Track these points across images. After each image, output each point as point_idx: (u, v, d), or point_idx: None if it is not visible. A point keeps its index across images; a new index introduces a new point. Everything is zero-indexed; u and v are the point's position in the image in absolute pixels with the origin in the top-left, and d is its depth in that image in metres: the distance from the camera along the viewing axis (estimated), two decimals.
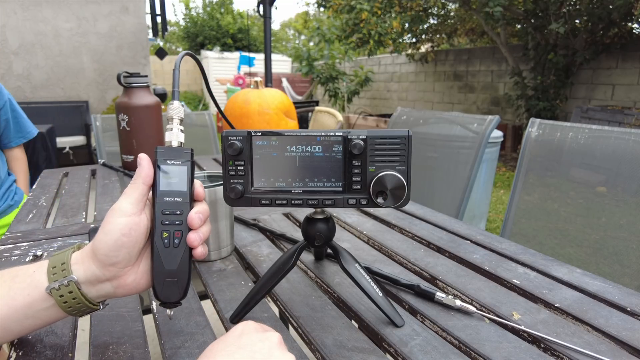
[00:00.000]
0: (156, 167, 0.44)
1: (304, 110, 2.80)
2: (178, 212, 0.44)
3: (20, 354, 0.46)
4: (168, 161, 0.44)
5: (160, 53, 5.29)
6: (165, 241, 0.43)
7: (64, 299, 0.42)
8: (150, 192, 0.45)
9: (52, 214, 0.94)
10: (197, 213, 0.44)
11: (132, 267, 0.44)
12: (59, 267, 0.42)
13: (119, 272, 0.43)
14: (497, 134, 2.34)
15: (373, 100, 8.31)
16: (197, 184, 0.46)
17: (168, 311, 0.47)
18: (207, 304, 0.59)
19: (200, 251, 0.45)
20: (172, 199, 0.44)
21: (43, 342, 0.49)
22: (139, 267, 0.44)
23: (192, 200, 0.45)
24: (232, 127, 0.62)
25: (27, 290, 0.42)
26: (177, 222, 0.44)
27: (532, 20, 4.89)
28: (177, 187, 0.44)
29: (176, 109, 0.47)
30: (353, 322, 0.55)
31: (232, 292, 0.61)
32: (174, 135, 0.46)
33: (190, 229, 0.44)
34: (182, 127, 0.47)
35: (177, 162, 0.44)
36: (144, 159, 0.44)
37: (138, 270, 0.44)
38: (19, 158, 1.57)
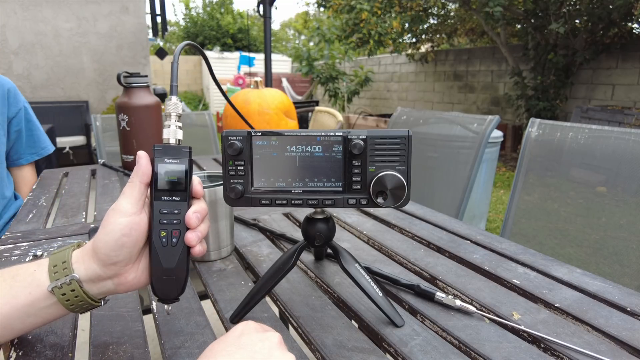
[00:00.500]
0: (154, 165, 0.44)
1: (304, 110, 2.80)
2: (176, 212, 0.44)
3: (20, 354, 0.46)
4: (166, 159, 0.44)
5: (160, 53, 5.29)
6: (163, 240, 0.43)
7: (66, 297, 0.42)
8: (149, 191, 0.45)
9: (52, 214, 0.94)
10: (195, 212, 0.44)
11: (132, 264, 0.44)
12: (60, 266, 0.43)
13: (120, 271, 0.43)
14: (497, 134, 2.34)
15: (373, 100, 8.31)
16: (196, 181, 0.46)
17: (166, 306, 0.47)
18: (207, 304, 0.59)
19: (198, 249, 0.45)
20: (170, 198, 0.44)
21: (43, 342, 0.49)
22: (139, 264, 0.45)
23: (190, 198, 0.45)
24: (247, 122, 0.62)
25: (28, 288, 0.42)
26: (174, 221, 0.44)
27: (532, 20, 4.89)
28: (175, 186, 0.44)
29: (174, 105, 0.45)
30: (353, 322, 0.55)
31: (232, 292, 0.61)
32: (172, 133, 0.45)
33: (188, 228, 0.44)
34: (180, 124, 0.46)
35: (175, 161, 0.44)
36: (142, 157, 0.44)
37: (139, 268, 0.45)
38: (28, 181, 1.32)
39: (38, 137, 1.31)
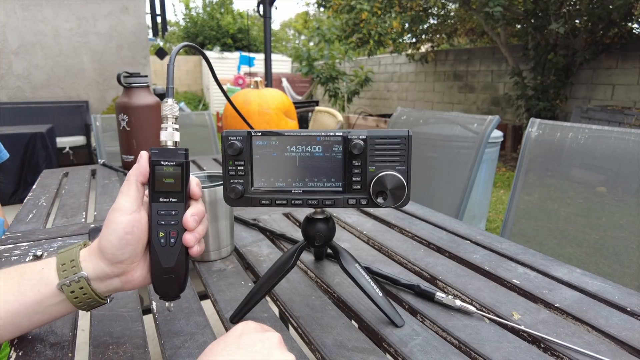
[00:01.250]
0: (151, 168, 0.44)
1: (304, 110, 2.80)
2: (173, 213, 0.44)
3: (20, 354, 0.46)
4: (162, 162, 0.44)
5: (160, 53, 5.29)
6: (162, 240, 0.44)
7: (74, 295, 0.43)
8: (147, 190, 0.45)
9: (52, 214, 0.94)
10: (193, 215, 0.45)
11: (138, 262, 0.45)
12: (69, 264, 0.43)
13: (126, 268, 0.44)
14: (497, 134, 2.34)
15: (373, 100, 8.31)
16: (194, 182, 0.46)
17: (167, 304, 0.48)
18: (207, 304, 0.59)
19: (196, 249, 0.45)
20: (167, 200, 0.44)
21: (43, 342, 0.49)
22: (145, 262, 0.46)
23: (188, 199, 0.46)
24: (247, 122, 0.62)
25: (37, 286, 0.43)
26: (172, 223, 0.44)
27: (532, 20, 4.89)
28: (172, 187, 0.44)
29: (170, 107, 0.46)
30: (353, 322, 0.55)
31: (232, 292, 0.61)
32: (169, 135, 0.45)
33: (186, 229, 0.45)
34: (176, 126, 0.46)
35: (172, 163, 0.44)
36: (143, 157, 0.45)
37: (145, 266, 0.46)
38: None
39: None
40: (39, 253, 0.72)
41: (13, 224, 0.86)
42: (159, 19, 5.09)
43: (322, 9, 6.87)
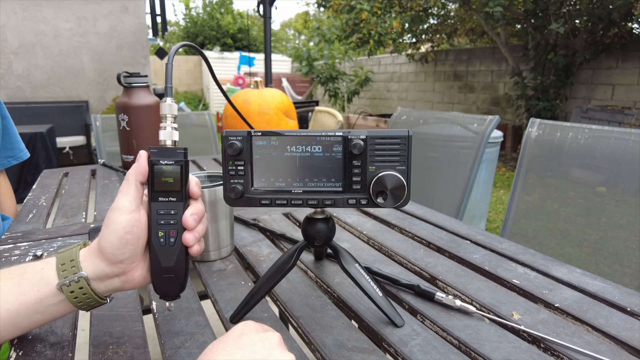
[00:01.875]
0: (150, 167, 0.44)
1: (304, 110, 2.80)
2: (172, 212, 0.44)
3: (20, 354, 0.46)
4: (161, 161, 0.44)
5: (160, 53, 5.28)
6: (161, 240, 0.44)
7: (74, 295, 0.43)
8: (146, 190, 0.45)
9: (52, 214, 0.94)
10: (192, 215, 0.45)
11: (138, 262, 0.45)
12: (68, 264, 0.43)
13: (126, 268, 0.44)
14: (497, 134, 2.34)
15: (373, 100, 8.31)
16: (193, 182, 0.46)
17: (167, 303, 0.48)
18: (207, 304, 0.59)
19: (196, 249, 0.45)
20: (167, 199, 0.44)
21: (43, 342, 0.49)
22: (145, 262, 0.46)
23: (187, 198, 0.46)
24: (247, 122, 0.62)
25: (37, 286, 0.43)
26: (172, 222, 0.44)
27: (532, 20, 4.89)
28: (171, 187, 0.44)
29: (169, 106, 0.46)
30: (353, 322, 0.55)
31: (232, 292, 0.61)
32: (168, 134, 0.45)
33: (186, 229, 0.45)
34: (175, 125, 0.46)
35: (171, 162, 0.44)
36: (142, 157, 0.45)
37: (144, 265, 0.46)
38: (3, 193, 1.11)
39: (15, 137, 1.07)
40: (39, 253, 0.72)
41: (13, 224, 0.86)
42: (159, 19, 5.09)
43: (322, 9, 6.87)
